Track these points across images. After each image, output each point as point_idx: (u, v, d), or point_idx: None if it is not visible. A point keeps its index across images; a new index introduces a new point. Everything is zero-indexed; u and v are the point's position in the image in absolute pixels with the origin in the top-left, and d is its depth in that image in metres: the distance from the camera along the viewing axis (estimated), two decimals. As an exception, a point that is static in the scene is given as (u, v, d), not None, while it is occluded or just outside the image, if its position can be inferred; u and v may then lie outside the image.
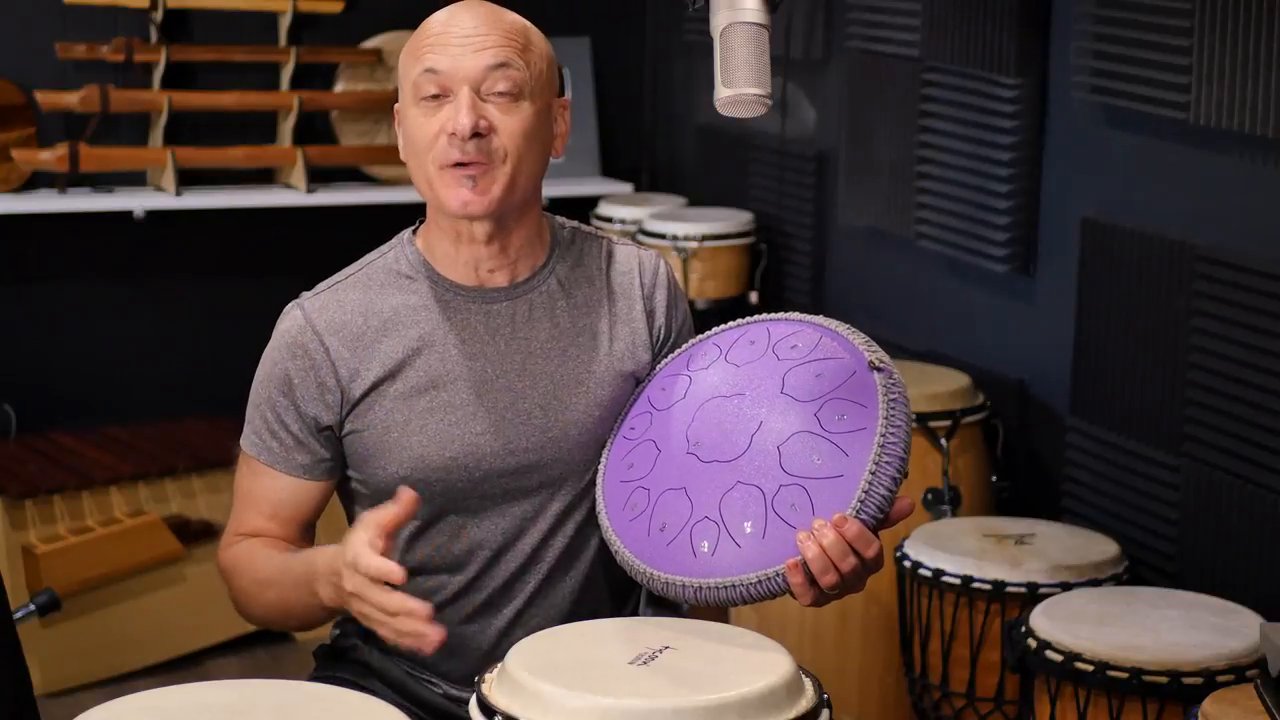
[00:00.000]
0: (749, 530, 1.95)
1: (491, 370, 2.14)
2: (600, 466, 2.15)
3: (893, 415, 1.96)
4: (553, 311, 2.17)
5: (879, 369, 2.00)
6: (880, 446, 1.93)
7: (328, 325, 2.13)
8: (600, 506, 2.12)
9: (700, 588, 1.95)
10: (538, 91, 2.10)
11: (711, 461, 2.03)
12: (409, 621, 1.89)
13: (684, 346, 2.21)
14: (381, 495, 2.12)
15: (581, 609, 2.20)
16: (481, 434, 2.13)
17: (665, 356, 2.22)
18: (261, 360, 2.18)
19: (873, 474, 1.92)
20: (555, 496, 2.16)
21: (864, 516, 1.91)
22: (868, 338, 2.06)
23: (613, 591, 2.25)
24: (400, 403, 2.12)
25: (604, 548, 2.12)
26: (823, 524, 1.90)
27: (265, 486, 2.17)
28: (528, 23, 2.15)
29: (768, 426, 2.01)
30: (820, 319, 2.12)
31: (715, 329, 2.19)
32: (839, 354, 2.04)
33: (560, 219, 2.25)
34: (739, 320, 2.19)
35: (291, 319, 2.16)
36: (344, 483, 2.22)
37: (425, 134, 2.07)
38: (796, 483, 1.95)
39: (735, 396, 2.07)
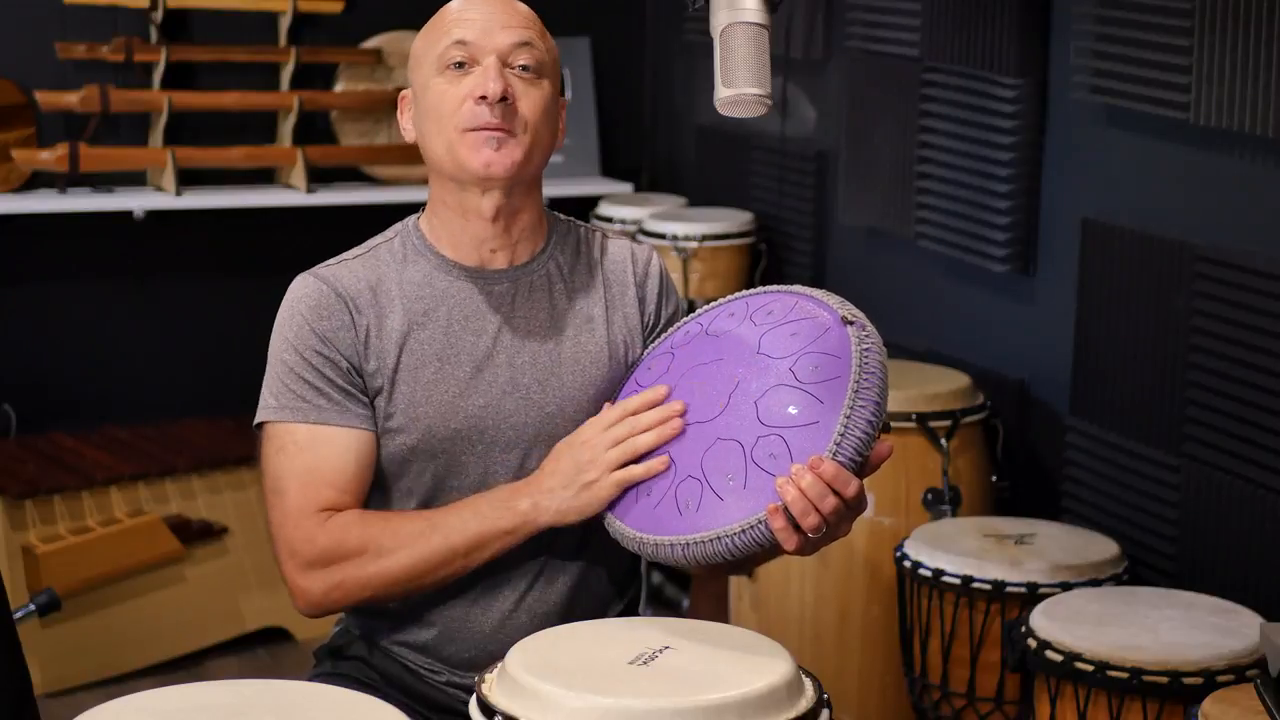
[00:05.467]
0: (730, 483, 1.98)
1: (491, 347, 2.18)
2: None
3: (866, 362, 1.98)
4: (550, 294, 2.22)
5: (851, 322, 2.03)
6: (854, 391, 1.95)
7: (347, 293, 2.16)
8: None
9: (688, 544, 1.97)
10: (552, 75, 2.19)
11: (692, 423, 2.06)
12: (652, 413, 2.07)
13: (671, 329, 2.26)
14: (388, 468, 2.17)
15: (583, 597, 2.22)
16: (484, 408, 2.16)
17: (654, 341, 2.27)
18: (278, 331, 2.17)
19: (848, 416, 1.94)
20: None
21: (841, 458, 1.93)
22: (843, 299, 2.09)
23: (615, 580, 2.27)
24: (406, 375, 2.15)
25: (605, 536, 2.14)
26: (800, 468, 1.92)
27: (328, 452, 2.13)
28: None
29: (744, 385, 2.04)
30: (797, 287, 2.15)
31: (699, 309, 2.23)
32: (814, 314, 2.07)
33: (557, 213, 2.32)
34: (721, 299, 2.23)
35: (308, 285, 2.17)
36: None
37: (449, 100, 2.13)
38: (774, 433, 1.97)
39: (714, 362, 2.10)
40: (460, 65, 2.13)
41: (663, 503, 2.03)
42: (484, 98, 2.10)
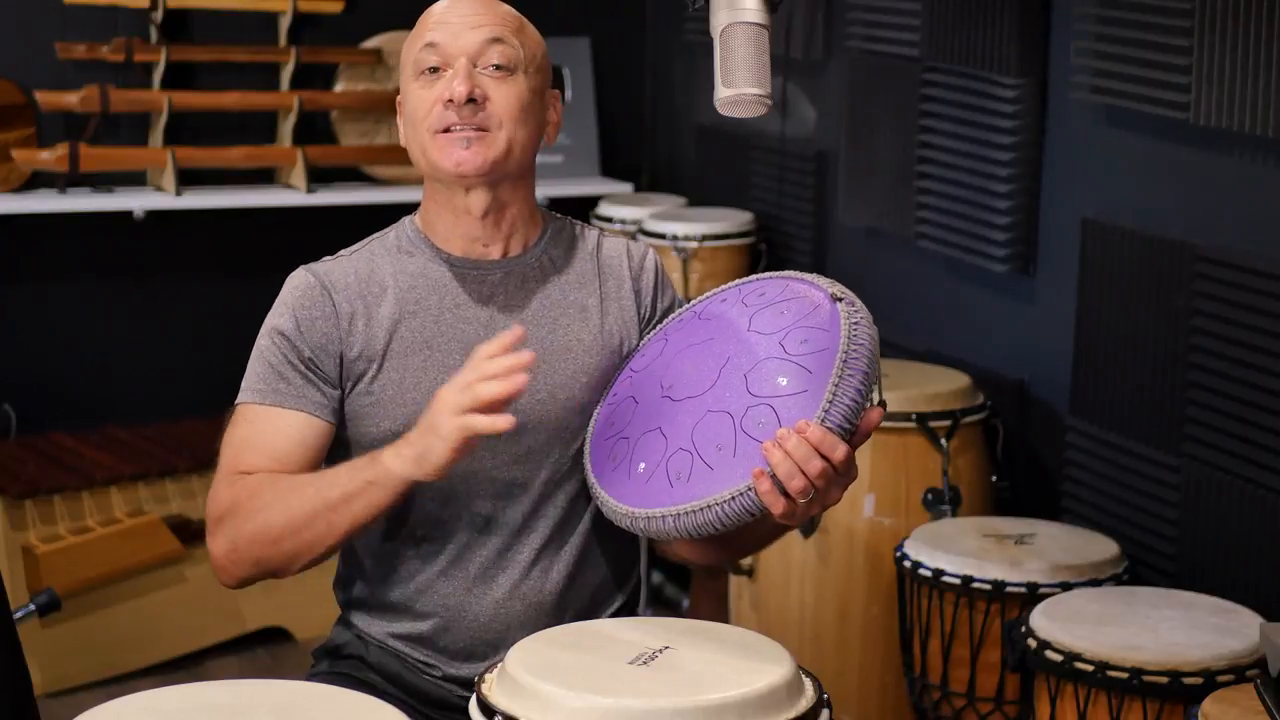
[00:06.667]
0: (720, 452, 1.98)
1: (482, 334, 2.19)
2: (587, 432, 2.21)
3: (855, 334, 1.99)
4: (544, 284, 2.25)
5: (841, 299, 2.04)
6: (843, 361, 1.96)
7: (334, 284, 2.20)
8: (587, 466, 2.17)
9: (679, 515, 1.98)
10: (531, 71, 2.20)
11: (683, 399, 2.08)
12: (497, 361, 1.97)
13: (666, 319, 2.28)
14: None
15: (579, 588, 2.24)
16: None
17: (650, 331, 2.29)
18: (266, 319, 2.22)
19: (836, 384, 1.95)
20: (543, 465, 2.20)
21: (830, 423, 1.93)
22: (834, 280, 2.10)
23: (613, 573, 2.28)
24: (394, 361, 2.18)
25: (600, 524, 2.16)
26: (786, 431, 1.93)
27: (269, 429, 2.17)
28: (523, 16, 2.25)
29: (735, 360, 2.06)
30: (790, 272, 2.17)
31: (694, 300, 2.25)
32: (804, 293, 2.10)
33: (554, 212, 2.34)
34: (715, 288, 2.24)
35: (299, 278, 2.22)
36: (333, 452, 2.23)
37: (423, 104, 2.17)
38: (763, 402, 1.98)
39: (705, 342, 2.13)
40: (434, 70, 2.17)
41: (654, 476, 2.04)
42: (451, 100, 2.14)
